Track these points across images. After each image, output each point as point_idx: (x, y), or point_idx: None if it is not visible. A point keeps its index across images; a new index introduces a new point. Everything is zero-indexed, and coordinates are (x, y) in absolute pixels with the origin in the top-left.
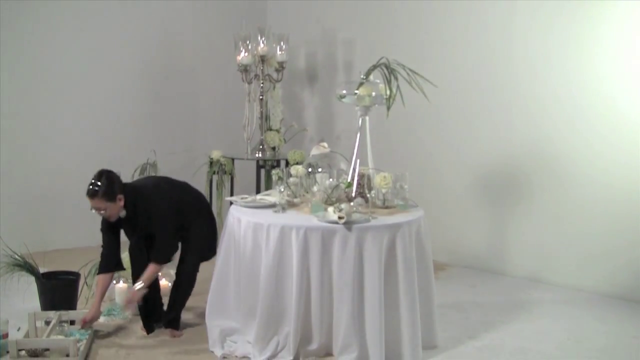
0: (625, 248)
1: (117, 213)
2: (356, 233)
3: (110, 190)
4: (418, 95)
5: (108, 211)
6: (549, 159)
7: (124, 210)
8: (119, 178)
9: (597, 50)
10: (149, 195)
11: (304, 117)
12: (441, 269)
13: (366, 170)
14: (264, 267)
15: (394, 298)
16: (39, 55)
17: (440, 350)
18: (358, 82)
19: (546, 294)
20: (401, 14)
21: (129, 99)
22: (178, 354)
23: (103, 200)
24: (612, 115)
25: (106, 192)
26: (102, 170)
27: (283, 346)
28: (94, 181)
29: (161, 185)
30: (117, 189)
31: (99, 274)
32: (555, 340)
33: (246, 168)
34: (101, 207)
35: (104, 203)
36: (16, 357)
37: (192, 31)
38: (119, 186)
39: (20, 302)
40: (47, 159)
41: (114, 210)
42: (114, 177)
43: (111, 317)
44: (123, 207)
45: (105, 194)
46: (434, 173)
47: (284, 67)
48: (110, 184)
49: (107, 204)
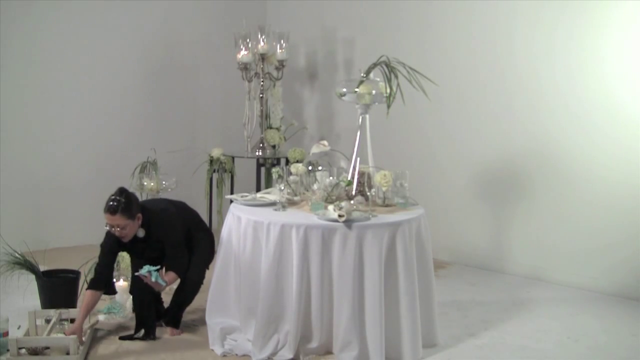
0: (625, 246)
1: (134, 232)
2: (356, 231)
3: (130, 207)
4: (418, 94)
5: (127, 229)
6: (549, 158)
7: (142, 230)
8: (137, 197)
9: (598, 48)
10: (161, 215)
11: (304, 116)
12: (441, 267)
13: (366, 169)
14: (264, 265)
15: (394, 296)
16: (39, 54)
17: (440, 348)
18: (358, 80)
19: (546, 292)
20: (401, 12)
21: (129, 97)
22: (178, 352)
23: (123, 217)
24: (613, 112)
25: (126, 208)
26: (122, 187)
27: (283, 344)
28: (114, 197)
29: (167, 205)
30: (136, 207)
31: (89, 289)
32: (554, 338)
33: (246, 166)
34: (120, 225)
35: (124, 220)
36: (16, 355)
37: (193, 29)
38: (137, 205)
39: (21, 300)
40: (48, 158)
41: (132, 228)
42: (133, 196)
43: (111, 316)
44: (140, 226)
45: (126, 211)
46: (434, 171)
47: (284, 65)
48: (130, 201)
49: (126, 222)
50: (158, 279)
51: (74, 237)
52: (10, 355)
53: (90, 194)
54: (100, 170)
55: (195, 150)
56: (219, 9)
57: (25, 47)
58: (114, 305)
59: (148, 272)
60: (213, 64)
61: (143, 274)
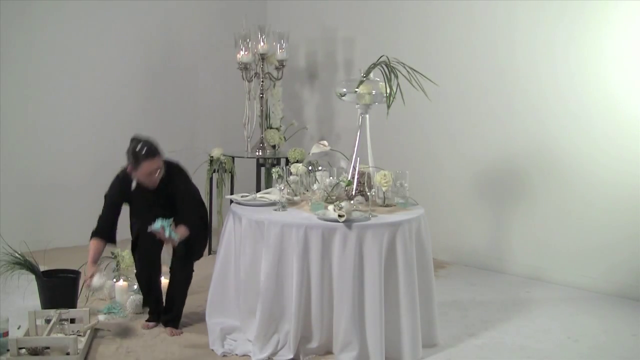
0: (624, 246)
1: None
2: (356, 231)
3: (159, 148)
4: (418, 94)
5: (160, 172)
6: (549, 158)
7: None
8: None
9: (599, 47)
10: (179, 166)
11: (304, 116)
12: (441, 267)
13: (366, 169)
14: (264, 265)
15: (394, 296)
16: (39, 54)
17: (440, 348)
18: (358, 80)
19: (546, 292)
20: (401, 12)
21: (129, 97)
22: (178, 352)
23: (160, 158)
24: (613, 112)
25: (158, 149)
26: (137, 135)
27: (283, 344)
28: (142, 142)
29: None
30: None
31: (93, 237)
32: (554, 338)
33: (246, 166)
34: (159, 166)
35: (161, 161)
36: (16, 355)
37: (193, 29)
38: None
39: (21, 300)
40: (48, 158)
41: (161, 172)
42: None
43: (111, 316)
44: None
45: (159, 151)
46: (435, 171)
47: (284, 65)
48: (156, 143)
49: (161, 163)
50: (172, 233)
51: (74, 237)
52: (10, 355)
53: (90, 194)
54: (100, 170)
55: (195, 150)
56: (219, 9)
57: (24, 47)
58: (114, 305)
59: (161, 226)
60: (213, 64)
61: (156, 228)
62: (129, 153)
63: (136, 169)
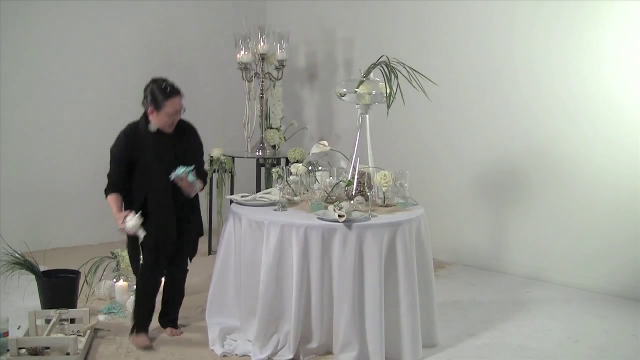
0: (624, 246)
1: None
2: (356, 231)
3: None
4: (418, 94)
5: (181, 113)
6: (549, 158)
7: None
8: None
9: (597, 48)
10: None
11: (304, 116)
12: (441, 267)
13: (366, 169)
14: (264, 265)
15: (394, 296)
16: (39, 56)
17: (440, 348)
18: (358, 80)
19: (546, 293)
20: (401, 12)
21: (129, 97)
22: (178, 353)
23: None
24: (612, 113)
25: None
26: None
27: (283, 344)
28: (165, 81)
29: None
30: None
31: (110, 194)
32: (554, 339)
33: (246, 166)
34: (182, 106)
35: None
36: (16, 355)
37: (193, 29)
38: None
39: (21, 301)
40: (48, 158)
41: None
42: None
43: (111, 316)
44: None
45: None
46: (434, 171)
47: (284, 66)
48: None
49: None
50: (194, 180)
51: (74, 237)
52: (10, 355)
53: (90, 194)
54: (100, 171)
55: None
56: (219, 9)
57: (24, 49)
58: (114, 305)
59: (184, 172)
60: (213, 64)
61: (179, 174)
62: (152, 92)
63: (161, 108)
